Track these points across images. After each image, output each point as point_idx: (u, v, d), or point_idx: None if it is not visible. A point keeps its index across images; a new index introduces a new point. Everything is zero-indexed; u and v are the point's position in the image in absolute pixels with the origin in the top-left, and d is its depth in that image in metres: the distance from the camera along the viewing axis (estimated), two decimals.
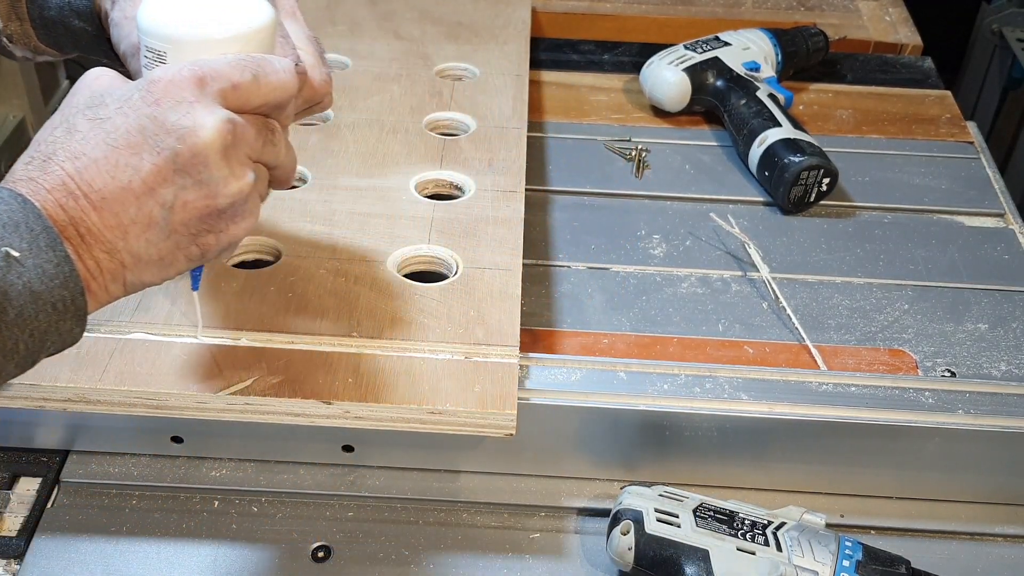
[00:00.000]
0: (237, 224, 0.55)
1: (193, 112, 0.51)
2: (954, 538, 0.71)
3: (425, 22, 1.10)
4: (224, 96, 0.53)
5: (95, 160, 0.50)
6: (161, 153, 0.51)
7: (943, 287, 0.84)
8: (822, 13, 1.25)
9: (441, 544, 0.69)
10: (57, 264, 0.49)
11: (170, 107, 0.51)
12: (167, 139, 0.51)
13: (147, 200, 0.51)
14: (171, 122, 0.51)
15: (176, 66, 0.53)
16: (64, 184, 0.50)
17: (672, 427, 0.70)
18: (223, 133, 0.52)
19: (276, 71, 0.55)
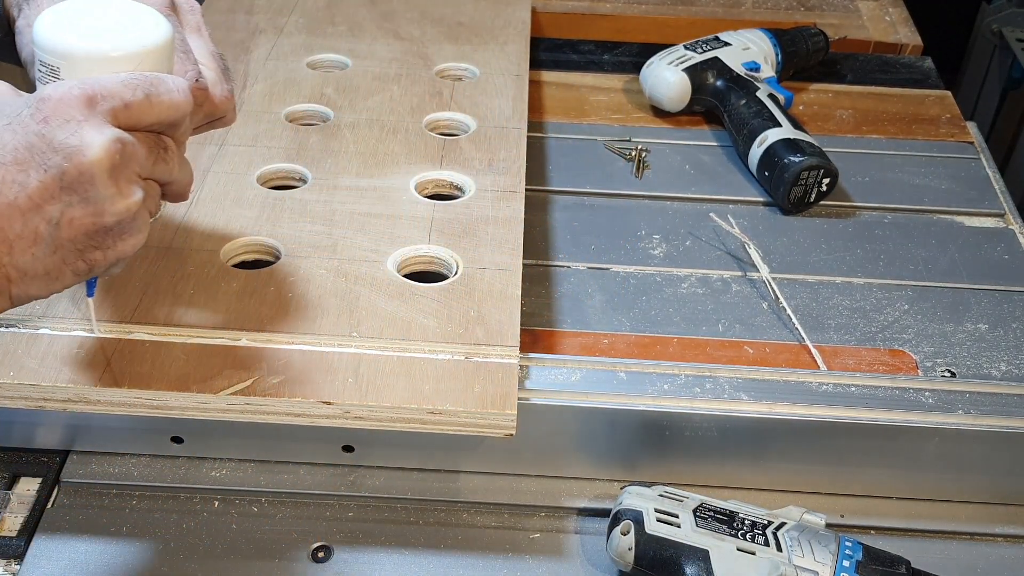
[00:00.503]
0: (124, 241, 0.56)
1: (81, 131, 0.52)
2: (954, 538, 0.71)
3: (425, 22, 1.10)
4: (115, 115, 0.53)
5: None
6: (48, 171, 0.51)
7: (943, 287, 0.84)
8: (822, 13, 1.25)
9: (441, 544, 0.69)
10: None
11: (58, 125, 0.52)
12: (54, 157, 0.51)
13: (33, 216, 0.52)
14: (59, 141, 0.51)
15: (67, 84, 0.53)
16: None
17: (672, 427, 0.70)
18: (111, 153, 0.52)
19: (170, 90, 0.55)
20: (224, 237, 0.77)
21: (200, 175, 0.84)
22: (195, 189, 0.82)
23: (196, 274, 0.73)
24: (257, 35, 1.06)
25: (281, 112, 0.93)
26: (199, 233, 0.77)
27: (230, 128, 0.89)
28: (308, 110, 0.94)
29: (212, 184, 0.83)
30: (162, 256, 0.74)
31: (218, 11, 1.10)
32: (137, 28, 0.57)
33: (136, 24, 0.57)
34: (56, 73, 0.55)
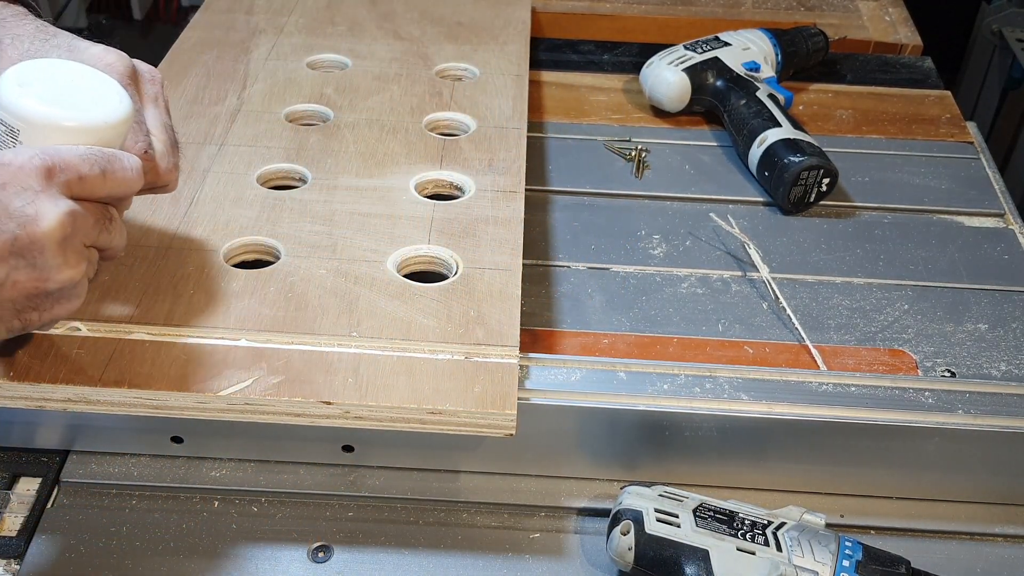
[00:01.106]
0: (62, 305, 0.58)
1: (37, 201, 0.53)
2: (954, 538, 0.71)
3: (425, 22, 1.10)
4: (70, 187, 0.55)
5: None
6: (1, 235, 0.53)
7: (943, 287, 0.84)
8: (822, 13, 1.25)
9: (441, 544, 0.69)
10: None
11: (15, 193, 0.53)
12: (8, 223, 0.53)
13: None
14: (15, 207, 0.53)
15: (27, 152, 0.54)
16: None
17: (672, 427, 0.70)
18: (63, 225, 0.54)
19: (124, 168, 0.57)
20: (224, 237, 0.77)
21: (200, 175, 0.84)
22: (195, 189, 0.82)
23: (196, 274, 0.73)
24: (257, 35, 1.06)
25: (281, 112, 0.93)
26: (199, 233, 0.77)
27: (230, 128, 0.90)
28: (308, 110, 0.94)
29: (212, 184, 0.83)
30: (162, 256, 0.75)
31: (218, 11, 1.10)
32: (100, 101, 0.59)
33: (99, 96, 0.59)
34: (15, 135, 0.57)
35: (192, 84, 0.96)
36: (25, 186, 0.53)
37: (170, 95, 0.95)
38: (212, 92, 0.95)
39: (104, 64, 0.63)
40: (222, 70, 0.99)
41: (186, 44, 1.04)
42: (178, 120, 0.91)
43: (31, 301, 0.56)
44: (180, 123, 0.90)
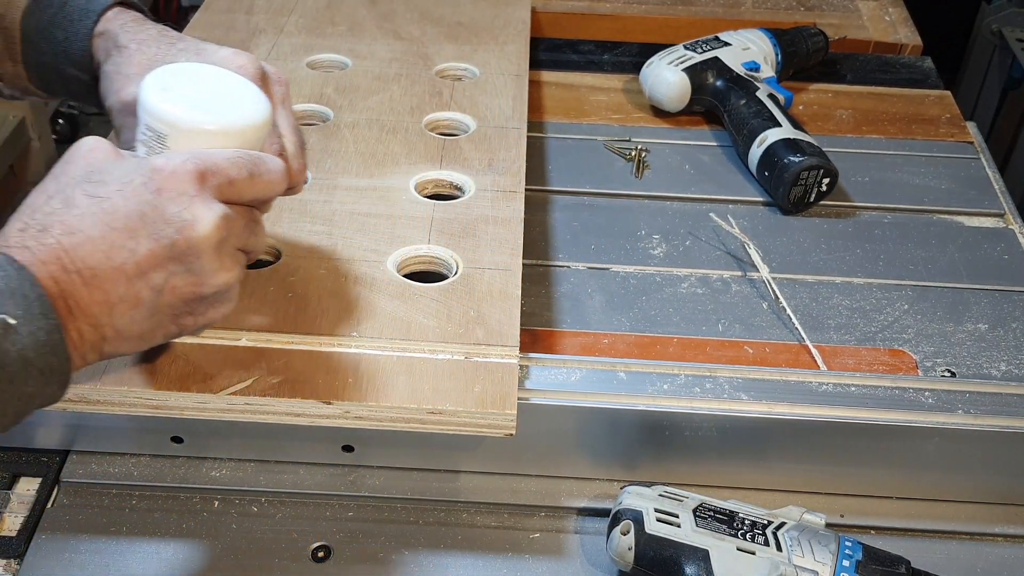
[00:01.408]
0: (216, 309, 0.58)
1: (193, 206, 0.54)
2: (954, 538, 0.71)
3: (425, 22, 1.10)
4: (221, 191, 0.55)
5: (91, 238, 0.52)
6: (159, 241, 0.53)
7: (943, 287, 0.84)
8: (822, 13, 1.25)
9: (441, 544, 0.69)
10: (48, 332, 0.50)
11: (171, 198, 0.53)
12: (166, 229, 0.53)
13: (138, 282, 0.53)
14: (171, 213, 0.53)
15: (179, 157, 0.54)
16: (59, 258, 0.51)
17: (672, 427, 0.70)
18: (219, 229, 0.54)
19: (269, 170, 0.58)
20: None
21: None
22: None
23: None
24: (257, 35, 1.06)
25: None
26: None
27: None
28: (308, 110, 0.94)
29: None
30: None
31: (218, 11, 1.10)
32: (241, 104, 0.59)
33: (239, 99, 0.60)
34: (163, 140, 0.57)
35: None
36: (180, 191, 0.54)
37: None
38: None
39: (235, 66, 0.63)
40: None
41: None
42: None
43: (188, 306, 0.56)
44: None
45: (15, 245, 0.52)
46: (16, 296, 0.49)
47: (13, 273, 0.50)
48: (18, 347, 0.49)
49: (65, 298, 0.51)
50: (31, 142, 1.54)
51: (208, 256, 0.55)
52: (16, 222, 0.53)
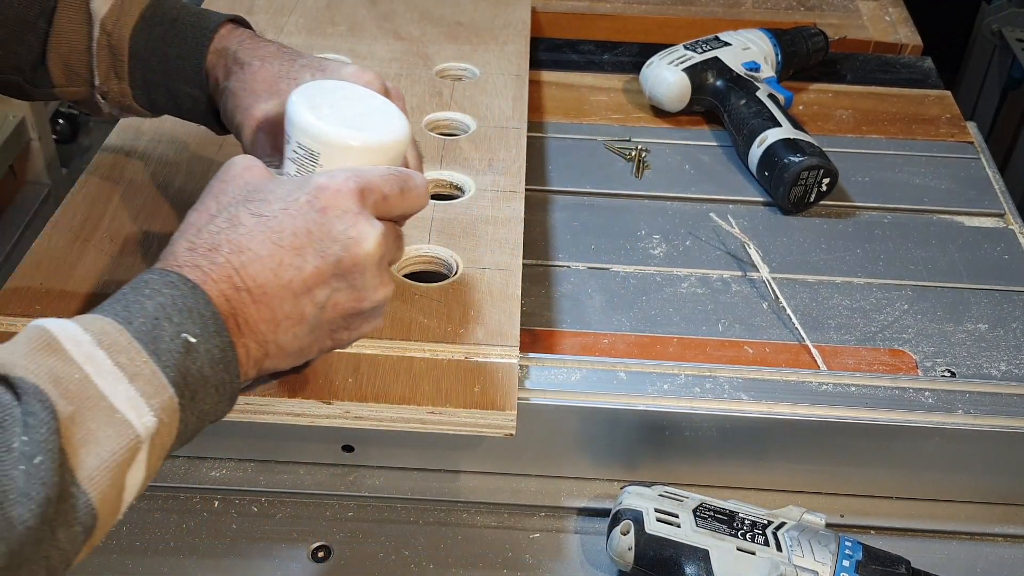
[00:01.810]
0: (369, 323, 0.59)
1: (358, 224, 0.55)
2: (954, 538, 0.71)
3: (425, 22, 1.10)
4: (376, 207, 0.56)
5: (260, 257, 0.53)
6: (325, 258, 0.54)
7: (943, 287, 0.84)
8: (822, 13, 1.25)
9: (441, 544, 0.69)
10: (223, 350, 0.51)
11: (336, 216, 0.54)
12: (332, 246, 0.54)
13: (303, 298, 0.54)
14: (337, 230, 0.54)
15: (340, 175, 0.55)
16: (229, 277, 0.52)
17: (672, 427, 0.70)
18: (380, 245, 0.55)
19: (417, 185, 0.59)
20: None
21: (200, 175, 0.84)
22: (196, 189, 0.82)
23: None
24: None
25: None
26: None
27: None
28: None
29: None
30: None
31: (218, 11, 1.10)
32: (386, 120, 0.61)
33: (383, 115, 0.61)
34: (315, 159, 0.58)
35: None
36: (345, 209, 0.55)
37: None
38: None
39: (363, 83, 0.64)
40: None
41: None
42: (178, 120, 0.91)
43: (346, 321, 0.57)
44: (180, 123, 0.90)
45: (186, 264, 0.52)
46: (193, 315, 0.50)
47: (188, 292, 0.51)
48: (198, 365, 0.50)
49: (235, 316, 0.52)
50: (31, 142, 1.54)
51: (371, 272, 0.56)
52: (182, 241, 0.54)
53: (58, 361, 0.46)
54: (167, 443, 0.50)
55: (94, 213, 0.79)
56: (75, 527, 0.44)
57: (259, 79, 0.67)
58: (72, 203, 0.80)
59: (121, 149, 0.87)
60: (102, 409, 0.46)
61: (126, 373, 0.47)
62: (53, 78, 0.72)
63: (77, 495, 0.44)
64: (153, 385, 0.48)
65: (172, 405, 0.49)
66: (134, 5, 0.70)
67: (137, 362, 0.48)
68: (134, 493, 0.48)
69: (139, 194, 0.81)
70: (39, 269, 0.73)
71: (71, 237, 0.76)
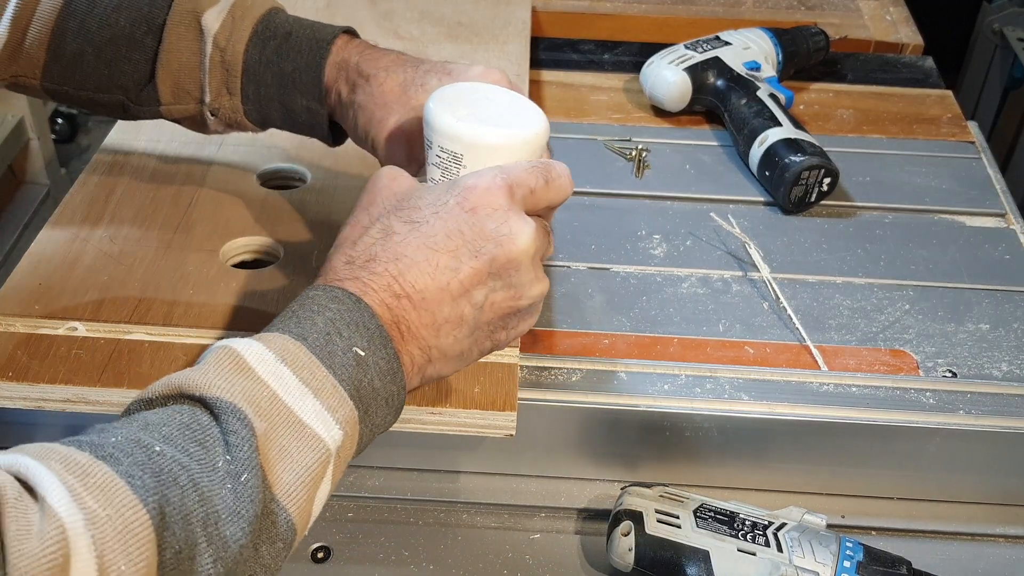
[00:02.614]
0: (526, 321, 0.59)
1: (509, 220, 0.55)
2: (955, 539, 0.71)
3: (425, 22, 1.10)
4: (525, 202, 0.56)
5: (416, 262, 0.53)
6: (479, 257, 0.54)
7: (944, 287, 0.84)
8: (823, 12, 1.24)
9: (441, 544, 0.69)
10: (389, 361, 0.52)
11: (487, 215, 0.54)
12: (486, 245, 0.54)
13: (461, 300, 0.54)
14: (490, 229, 0.54)
15: (487, 174, 0.56)
16: (389, 286, 0.53)
17: (672, 427, 0.70)
18: (534, 240, 0.55)
19: (560, 175, 0.59)
20: (224, 237, 0.77)
21: (200, 175, 0.84)
22: (195, 189, 0.82)
23: (196, 274, 0.73)
24: None
25: None
26: (199, 233, 0.77)
27: None
28: None
29: (212, 184, 0.82)
30: (162, 256, 0.74)
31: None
32: (523, 115, 0.61)
33: (519, 111, 0.61)
34: (459, 160, 0.59)
35: None
36: (495, 207, 0.55)
37: None
38: None
39: (492, 81, 0.65)
40: None
41: None
42: None
43: (503, 320, 0.57)
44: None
45: (346, 278, 0.53)
46: (360, 328, 0.51)
47: (352, 306, 0.51)
48: (368, 377, 0.50)
49: (398, 323, 0.53)
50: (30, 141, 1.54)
51: (526, 268, 0.56)
52: (339, 256, 0.55)
53: (248, 380, 0.47)
54: (349, 455, 0.50)
55: (93, 213, 0.79)
56: (278, 543, 0.45)
57: (387, 90, 0.66)
58: (71, 203, 0.80)
59: (120, 149, 0.87)
60: (292, 425, 0.47)
61: (311, 388, 0.48)
62: (161, 96, 0.71)
63: (278, 511, 0.45)
64: (336, 398, 0.49)
65: (353, 417, 0.49)
66: (246, 20, 0.70)
67: (319, 377, 0.48)
68: (321, 506, 0.49)
69: (138, 194, 0.81)
70: (38, 269, 0.73)
71: (70, 237, 0.76)
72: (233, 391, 0.46)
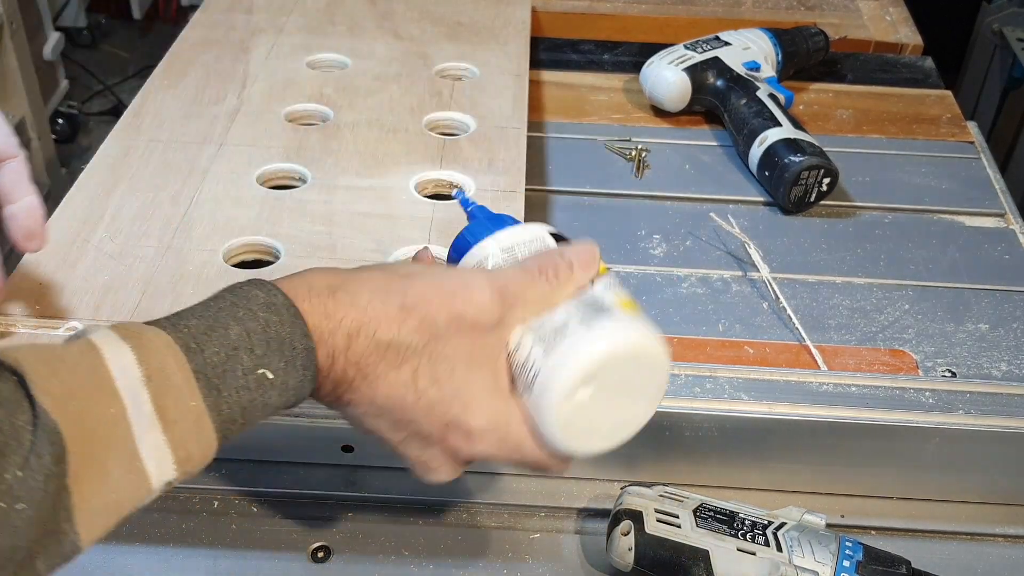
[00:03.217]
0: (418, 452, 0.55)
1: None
2: (955, 538, 0.71)
3: (425, 22, 1.10)
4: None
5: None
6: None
7: (943, 287, 0.84)
8: (822, 13, 1.25)
9: (441, 544, 0.69)
10: (302, 382, 0.49)
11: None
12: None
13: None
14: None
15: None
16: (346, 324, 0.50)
17: (672, 427, 0.70)
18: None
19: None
20: (224, 237, 0.77)
21: (200, 175, 0.84)
22: (195, 189, 0.82)
23: (196, 274, 0.73)
24: (257, 35, 1.06)
25: (281, 112, 0.93)
26: (199, 233, 0.77)
27: (230, 128, 0.90)
28: (308, 110, 0.94)
29: (212, 184, 0.83)
30: (162, 256, 0.74)
31: (218, 11, 1.10)
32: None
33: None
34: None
35: (192, 84, 0.96)
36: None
37: (169, 95, 0.95)
38: (212, 92, 0.95)
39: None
40: (222, 70, 0.99)
41: (186, 44, 1.04)
42: (177, 120, 0.92)
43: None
44: (179, 123, 0.90)
45: (306, 296, 0.51)
46: (283, 347, 0.48)
47: (288, 319, 0.48)
48: (266, 397, 0.48)
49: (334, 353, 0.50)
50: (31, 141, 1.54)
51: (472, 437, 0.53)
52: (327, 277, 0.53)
53: (97, 391, 0.43)
54: (191, 471, 0.47)
55: (94, 213, 0.79)
56: (56, 559, 0.42)
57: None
58: (72, 202, 0.80)
59: (121, 149, 0.87)
60: (126, 453, 0.43)
61: (164, 420, 0.44)
62: None
63: (68, 533, 0.41)
64: (193, 433, 0.45)
65: (210, 444, 0.46)
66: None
67: (182, 407, 0.45)
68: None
69: (138, 194, 0.81)
70: (39, 269, 0.73)
71: (71, 237, 0.76)
72: (69, 402, 0.42)
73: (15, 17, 1.59)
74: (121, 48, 2.60)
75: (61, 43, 1.92)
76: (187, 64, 0.99)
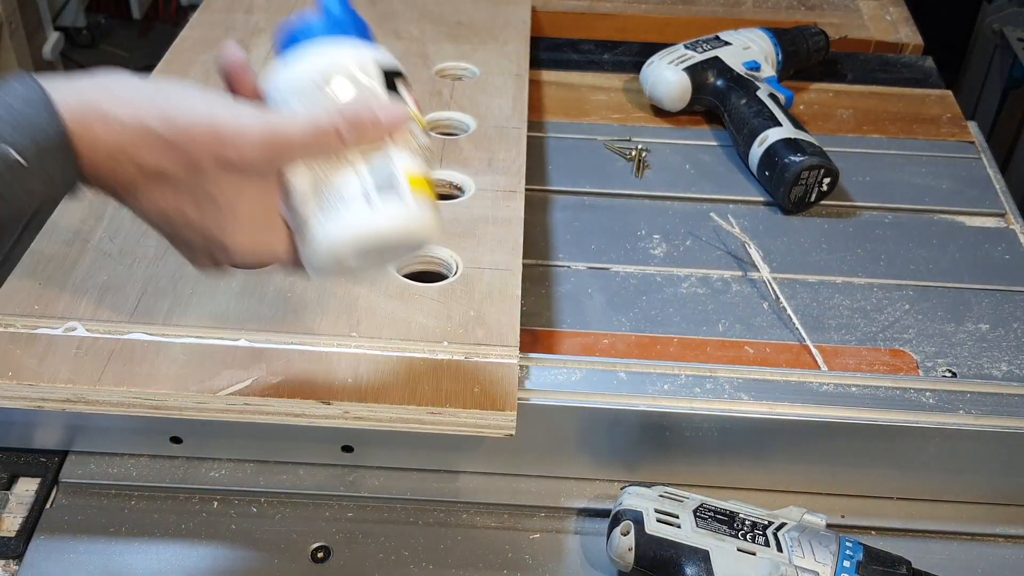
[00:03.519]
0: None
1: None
2: (955, 538, 0.71)
3: (425, 22, 1.10)
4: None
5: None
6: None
7: (944, 287, 0.84)
8: (823, 12, 1.24)
9: (441, 544, 0.69)
10: (64, 173, 0.50)
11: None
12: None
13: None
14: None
15: None
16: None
17: (672, 427, 0.70)
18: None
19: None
20: None
21: None
22: None
23: (196, 274, 0.73)
24: (257, 35, 1.06)
25: None
26: None
27: None
28: None
29: None
30: (161, 256, 0.74)
31: (217, 10, 1.10)
32: None
33: None
34: None
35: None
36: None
37: None
38: None
39: None
40: None
41: (185, 44, 1.03)
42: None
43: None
44: None
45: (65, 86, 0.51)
46: (31, 130, 0.48)
47: (40, 108, 0.49)
48: (22, 181, 0.48)
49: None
50: None
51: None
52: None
53: None
54: None
55: (94, 213, 0.79)
56: None
57: None
58: (71, 203, 0.80)
59: None
60: None
61: None
62: None
63: None
64: None
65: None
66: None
67: None
68: None
69: None
70: (39, 269, 0.73)
71: (71, 237, 0.76)
72: None
73: (15, 17, 1.59)
74: (121, 48, 2.60)
75: (61, 43, 1.91)
76: (187, 64, 0.99)
